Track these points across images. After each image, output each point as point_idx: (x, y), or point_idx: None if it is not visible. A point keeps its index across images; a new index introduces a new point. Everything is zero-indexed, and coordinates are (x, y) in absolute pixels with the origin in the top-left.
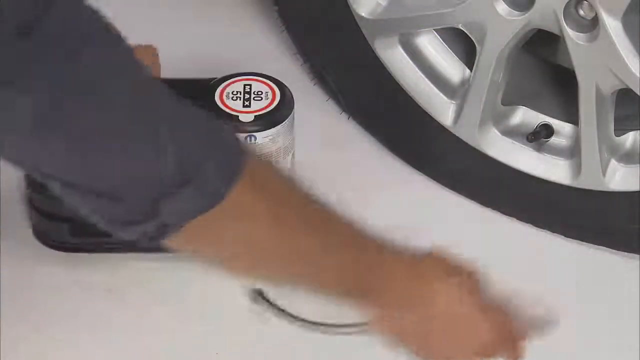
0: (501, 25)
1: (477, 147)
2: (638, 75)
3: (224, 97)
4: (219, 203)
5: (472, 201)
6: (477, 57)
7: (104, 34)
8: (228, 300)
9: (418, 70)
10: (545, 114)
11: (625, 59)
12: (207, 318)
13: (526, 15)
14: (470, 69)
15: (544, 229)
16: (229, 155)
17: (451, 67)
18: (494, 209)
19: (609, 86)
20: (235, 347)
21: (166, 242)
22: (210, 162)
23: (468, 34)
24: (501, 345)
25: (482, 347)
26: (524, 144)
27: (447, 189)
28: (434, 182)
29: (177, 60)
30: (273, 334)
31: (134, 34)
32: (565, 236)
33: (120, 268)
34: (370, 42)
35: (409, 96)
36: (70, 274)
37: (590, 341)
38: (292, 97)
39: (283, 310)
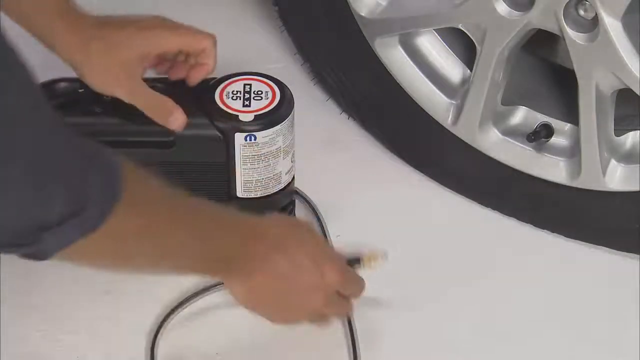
0: (501, 25)
1: (477, 147)
2: (638, 75)
3: (224, 96)
4: (99, 228)
5: (472, 201)
6: (477, 57)
7: None
8: (228, 300)
9: (418, 70)
10: (545, 114)
11: (625, 59)
12: (207, 318)
13: (526, 15)
14: (470, 69)
15: (544, 229)
16: (109, 179)
17: (451, 67)
18: (494, 209)
19: (609, 86)
20: (235, 347)
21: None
22: (93, 192)
23: (468, 34)
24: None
25: (331, 294)
26: (524, 144)
27: (447, 189)
28: (434, 182)
29: None
30: (274, 334)
31: None
32: (565, 236)
33: None
34: (370, 42)
35: (409, 96)
36: (70, 274)
37: (591, 341)
38: (292, 97)
39: None
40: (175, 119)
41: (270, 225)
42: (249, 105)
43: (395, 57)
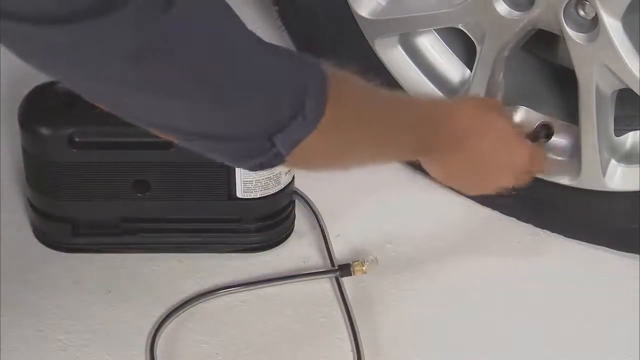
0: (501, 25)
1: None
2: (638, 75)
3: None
4: (319, 123)
5: (472, 201)
6: (477, 57)
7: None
8: (228, 299)
9: (418, 70)
10: (545, 114)
11: (625, 59)
12: (206, 318)
13: (526, 15)
14: (470, 69)
15: (544, 229)
16: (317, 79)
17: (451, 67)
18: (494, 209)
19: (609, 86)
20: (235, 347)
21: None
22: (308, 91)
23: (468, 34)
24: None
25: (520, 171)
26: None
27: (446, 189)
28: (434, 182)
29: None
30: (274, 334)
31: None
32: (565, 236)
33: (120, 268)
34: (370, 42)
35: None
36: (70, 274)
37: (591, 341)
38: None
39: None
40: None
41: (461, 110)
42: None
43: (395, 57)
